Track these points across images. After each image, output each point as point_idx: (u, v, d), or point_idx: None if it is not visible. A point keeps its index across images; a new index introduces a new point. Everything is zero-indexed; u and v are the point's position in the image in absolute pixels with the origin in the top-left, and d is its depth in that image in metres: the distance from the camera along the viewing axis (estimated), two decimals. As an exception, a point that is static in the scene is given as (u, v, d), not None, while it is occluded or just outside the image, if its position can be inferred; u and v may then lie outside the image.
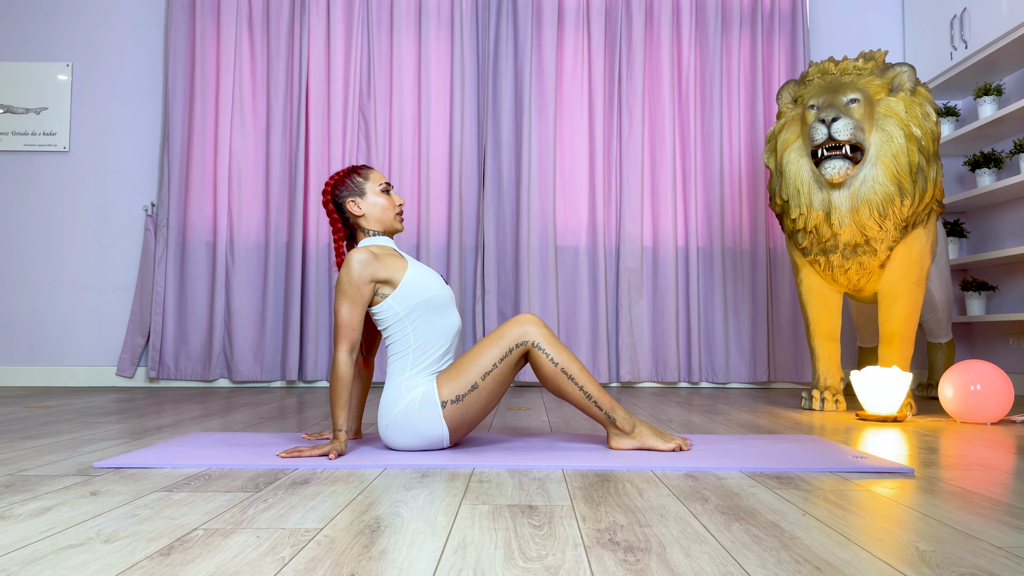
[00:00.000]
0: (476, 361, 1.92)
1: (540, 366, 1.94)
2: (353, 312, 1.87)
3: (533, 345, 1.93)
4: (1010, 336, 4.07)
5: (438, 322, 1.95)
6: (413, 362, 1.92)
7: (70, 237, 4.33)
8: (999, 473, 1.73)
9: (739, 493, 1.50)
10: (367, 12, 4.33)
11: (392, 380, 1.93)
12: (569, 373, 1.94)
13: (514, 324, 1.94)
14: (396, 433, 1.91)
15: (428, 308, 1.93)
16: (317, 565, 1.03)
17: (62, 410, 2.95)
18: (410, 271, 1.94)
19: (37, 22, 4.40)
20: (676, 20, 4.42)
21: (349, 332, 1.87)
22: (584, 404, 1.96)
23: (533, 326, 1.94)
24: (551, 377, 1.94)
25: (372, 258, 1.89)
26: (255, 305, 4.20)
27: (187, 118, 4.25)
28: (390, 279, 1.91)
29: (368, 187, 2.01)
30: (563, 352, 1.95)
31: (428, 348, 1.93)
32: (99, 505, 1.37)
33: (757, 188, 4.36)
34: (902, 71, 2.93)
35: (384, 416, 1.92)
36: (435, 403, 1.89)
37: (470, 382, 1.90)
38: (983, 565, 1.05)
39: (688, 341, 4.29)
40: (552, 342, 1.94)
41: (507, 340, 1.92)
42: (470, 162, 4.31)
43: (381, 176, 2.04)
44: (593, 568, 1.02)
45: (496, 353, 1.92)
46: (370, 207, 2.01)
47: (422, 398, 1.89)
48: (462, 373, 1.91)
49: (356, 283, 1.87)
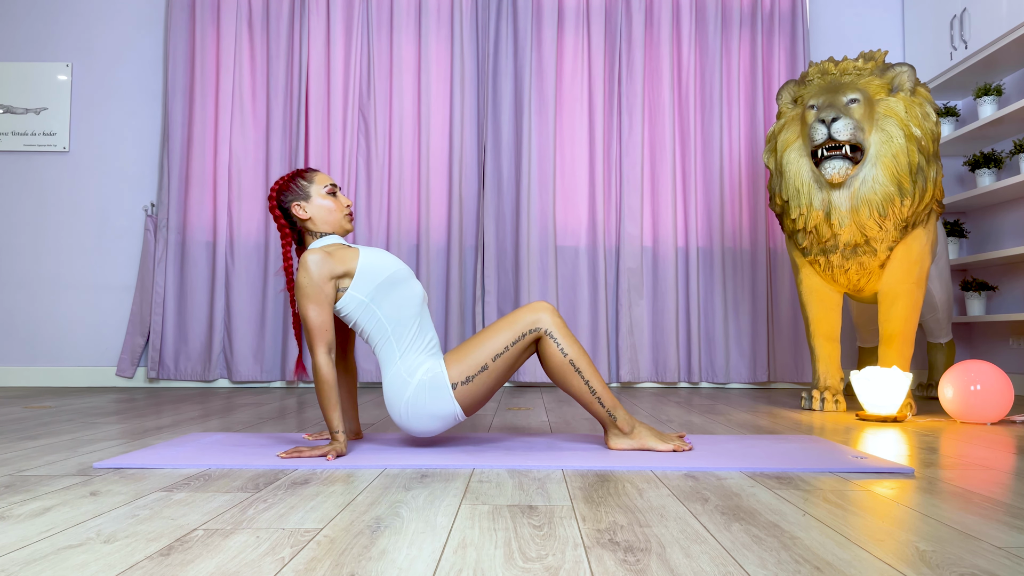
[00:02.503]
0: (487, 343, 1.92)
1: (549, 355, 1.94)
2: (322, 313, 1.86)
3: (545, 333, 1.93)
4: (1010, 336, 4.07)
5: (403, 296, 1.94)
6: (397, 345, 1.92)
7: (70, 237, 4.33)
8: (999, 473, 1.73)
9: (739, 493, 1.50)
10: (367, 12, 4.33)
11: (388, 371, 1.93)
12: (577, 366, 1.94)
13: (528, 310, 1.95)
14: (413, 420, 1.92)
15: (390, 286, 1.93)
16: (317, 565, 1.03)
17: (62, 410, 2.95)
18: (363, 256, 1.94)
19: (37, 22, 4.40)
20: (676, 20, 4.42)
21: (322, 333, 1.86)
22: (587, 400, 1.96)
23: (547, 314, 1.94)
24: (559, 368, 1.94)
25: (326, 256, 1.89)
26: (255, 305, 4.20)
27: (187, 118, 4.25)
28: (347, 271, 1.91)
29: (313, 190, 1.99)
30: (574, 344, 1.95)
31: (403, 325, 1.93)
32: (99, 505, 1.37)
33: (757, 188, 4.36)
34: (902, 71, 2.93)
35: (394, 407, 1.93)
36: (445, 385, 1.90)
37: (480, 363, 1.91)
38: (983, 565, 1.05)
39: (688, 341, 4.29)
40: (564, 333, 1.94)
41: (520, 325, 1.93)
42: (470, 162, 4.31)
43: (326, 178, 2.02)
44: (593, 568, 1.02)
45: (508, 336, 1.92)
46: (316, 210, 1.99)
47: (431, 381, 1.90)
48: (471, 354, 1.92)
49: (317, 283, 1.86)
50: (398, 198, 4.26)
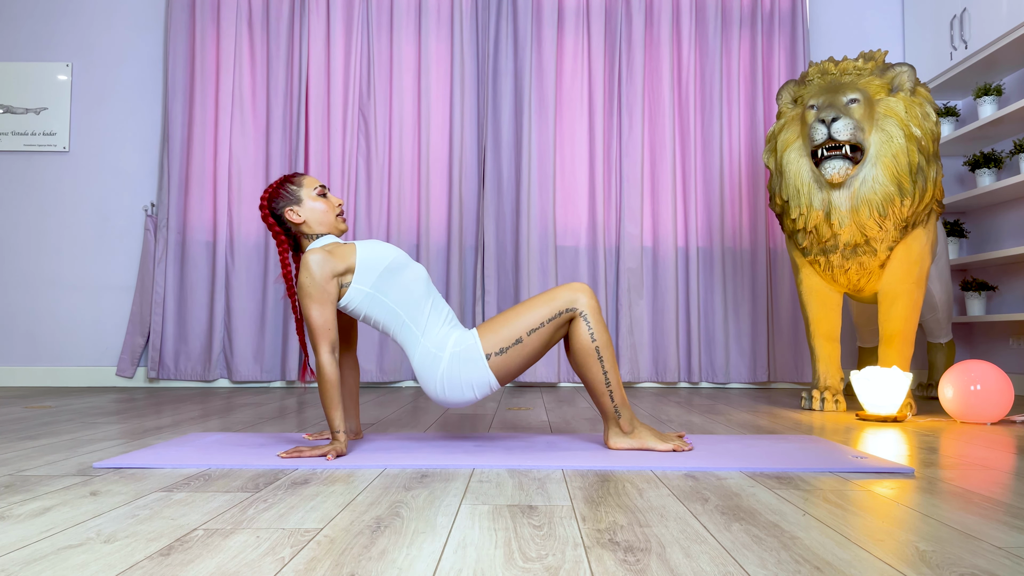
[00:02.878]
0: (523, 316, 1.94)
1: (578, 337, 1.95)
2: (324, 312, 1.87)
3: (580, 314, 1.94)
4: (1010, 336, 4.07)
5: (407, 279, 1.96)
6: (415, 326, 1.94)
7: (70, 237, 4.33)
8: (999, 473, 1.73)
9: (739, 493, 1.50)
10: (367, 12, 4.33)
11: (415, 352, 1.95)
12: (601, 354, 1.95)
13: (567, 289, 1.96)
14: (450, 392, 1.94)
15: (391, 273, 1.94)
16: (317, 565, 1.03)
17: (62, 410, 2.95)
18: (360, 250, 1.95)
19: (37, 22, 4.40)
20: (676, 20, 4.42)
21: (325, 332, 1.87)
22: (600, 390, 1.97)
23: (585, 296, 1.95)
24: (583, 351, 1.95)
25: (327, 255, 1.90)
26: (255, 305, 4.20)
27: (187, 118, 4.25)
28: (348, 267, 1.92)
29: (303, 193, 1.99)
30: (604, 333, 1.96)
31: (415, 306, 1.95)
32: (99, 505, 1.37)
33: (757, 188, 4.36)
34: (902, 71, 2.93)
35: (429, 383, 1.95)
36: (479, 356, 1.92)
37: (515, 336, 1.93)
38: (983, 565, 1.05)
39: (688, 341, 4.29)
40: (598, 319, 1.95)
41: (558, 303, 1.94)
42: (470, 162, 4.31)
43: (315, 180, 2.03)
44: (593, 568, 1.02)
45: (545, 313, 1.94)
46: (309, 213, 1.99)
47: (465, 352, 1.92)
48: (506, 326, 1.94)
49: (320, 283, 1.87)
50: (398, 198, 4.26)
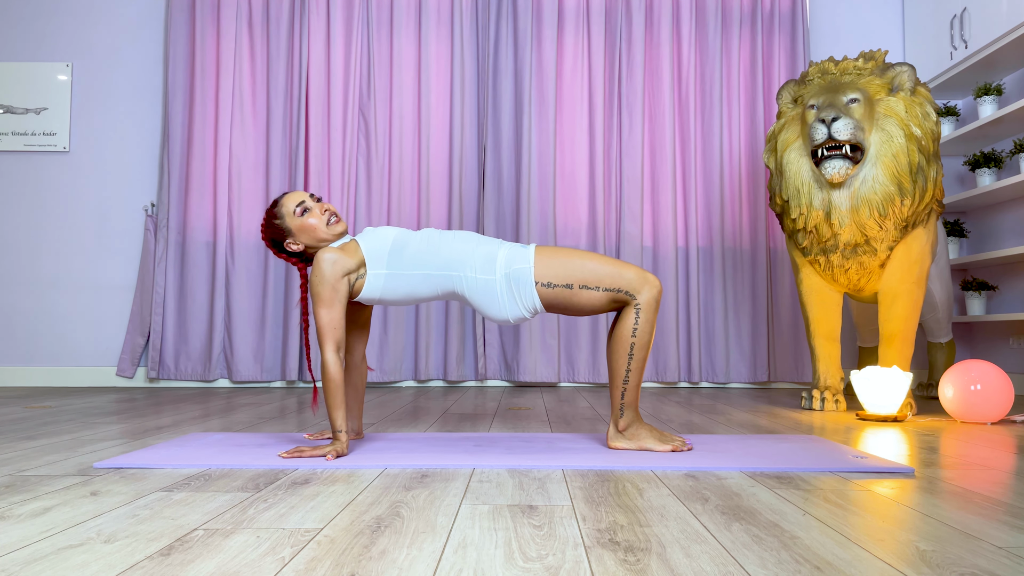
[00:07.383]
0: (585, 266, 1.92)
1: (621, 325, 1.94)
2: (332, 312, 1.88)
3: (635, 305, 1.93)
4: (1010, 336, 4.07)
5: (417, 248, 1.96)
6: (452, 270, 1.94)
7: (70, 237, 4.33)
8: (999, 473, 1.73)
9: (739, 493, 1.50)
10: (367, 12, 4.33)
11: (470, 289, 1.94)
12: (633, 352, 1.94)
13: (640, 274, 1.93)
14: (510, 310, 1.94)
15: (398, 249, 1.95)
16: (317, 565, 1.03)
17: (62, 410, 2.95)
18: (362, 242, 1.96)
19: (37, 22, 4.40)
20: (676, 20, 4.42)
21: (331, 331, 1.87)
22: (616, 382, 1.97)
23: (650, 290, 1.93)
24: (620, 339, 1.94)
25: (341, 254, 1.91)
26: (255, 305, 4.20)
27: (187, 118, 4.25)
28: (359, 262, 1.94)
29: (289, 222, 1.98)
30: (648, 334, 1.94)
31: (439, 257, 1.94)
32: (99, 505, 1.37)
33: (757, 188, 4.36)
34: (902, 71, 2.93)
35: (493, 308, 1.94)
36: (529, 281, 1.91)
37: (568, 279, 1.92)
38: (983, 565, 1.05)
39: (688, 341, 4.29)
40: (649, 317, 1.93)
41: (623, 281, 1.92)
42: (470, 161, 4.31)
43: (294, 198, 1.99)
44: (593, 568, 1.02)
45: (606, 280, 1.91)
46: (304, 235, 1.99)
47: (516, 274, 1.91)
48: (564, 265, 1.92)
49: (330, 283, 1.88)
50: (398, 198, 4.26)
